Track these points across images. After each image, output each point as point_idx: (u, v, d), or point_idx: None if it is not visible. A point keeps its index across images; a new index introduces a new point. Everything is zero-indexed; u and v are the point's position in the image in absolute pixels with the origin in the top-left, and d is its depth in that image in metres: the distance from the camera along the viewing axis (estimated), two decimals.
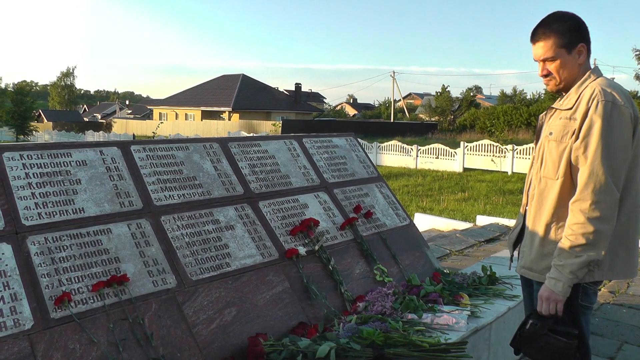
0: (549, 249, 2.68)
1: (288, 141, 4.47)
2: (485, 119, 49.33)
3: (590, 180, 2.47)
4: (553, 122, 2.72)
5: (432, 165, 23.87)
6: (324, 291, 3.57)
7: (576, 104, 2.61)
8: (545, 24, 2.69)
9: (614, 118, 2.50)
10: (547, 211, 2.69)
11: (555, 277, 2.55)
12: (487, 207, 13.39)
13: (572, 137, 2.57)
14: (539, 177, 2.76)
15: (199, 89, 63.45)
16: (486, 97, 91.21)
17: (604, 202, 2.46)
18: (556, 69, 2.68)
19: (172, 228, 3.29)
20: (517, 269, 2.91)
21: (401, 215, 4.66)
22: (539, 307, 2.63)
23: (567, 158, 2.59)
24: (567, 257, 2.52)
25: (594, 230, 2.46)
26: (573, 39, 2.65)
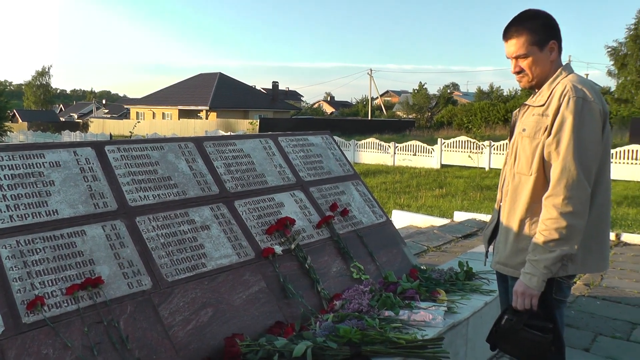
0: (524, 245, 2.70)
1: (264, 140, 4.46)
2: (463, 116, 49.58)
3: (562, 176, 2.50)
4: (526, 118, 2.75)
5: (410, 162, 23.95)
6: (300, 290, 3.56)
7: (548, 101, 2.64)
8: (518, 21, 2.72)
9: (585, 114, 2.53)
10: (521, 207, 2.71)
11: (530, 272, 2.57)
12: (465, 203, 13.47)
13: (544, 134, 2.60)
14: (512, 174, 2.78)
15: (176, 87, 63.12)
16: (463, 94, 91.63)
17: (576, 197, 2.49)
18: (528, 65, 2.71)
19: (148, 229, 3.27)
20: (492, 265, 2.93)
21: (377, 212, 4.67)
22: (514, 303, 2.65)
23: (540, 154, 2.62)
24: (541, 252, 2.54)
25: (567, 225, 2.49)
26: (545, 36, 2.68)
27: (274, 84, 67.70)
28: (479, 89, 77.37)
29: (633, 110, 40.53)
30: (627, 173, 18.35)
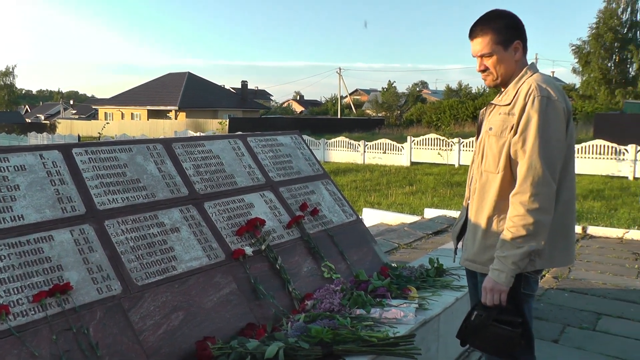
0: (492, 242, 2.73)
1: (232, 140, 4.44)
2: (432, 114, 49.93)
3: (528, 174, 2.55)
4: (493, 117, 2.79)
5: (380, 160, 24.06)
6: (272, 291, 3.55)
7: (514, 100, 2.69)
8: (483, 21, 2.77)
9: (549, 113, 2.58)
10: (489, 204, 2.75)
11: (498, 268, 2.61)
12: (435, 200, 13.57)
13: (511, 132, 2.65)
14: (480, 171, 2.82)
15: (144, 87, 62.64)
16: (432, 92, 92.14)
17: (542, 193, 2.54)
18: (493, 64, 2.76)
19: (117, 232, 3.22)
20: (461, 262, 2.97)
21: (348, 211, 4.68)
22: (483, 299, 2.69)
23: (507, 152, 2.66)
24: (509, 249, 2.58)
25: (534, 222, 2.54)
26: (509, 36, 2.73)
27: (243, 84, 67.48)
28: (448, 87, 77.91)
29: (597, 106, 41.34)
30: (592, 167, 18.68)
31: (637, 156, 17.89)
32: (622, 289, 6.38)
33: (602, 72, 45.91)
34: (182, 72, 63.04)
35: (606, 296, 6.10)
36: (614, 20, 45.38)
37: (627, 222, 10.28)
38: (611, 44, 45.64)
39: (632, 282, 6.66)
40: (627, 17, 45.88)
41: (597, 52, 46.03)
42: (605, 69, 46.13)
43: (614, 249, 8.44)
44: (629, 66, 46.58)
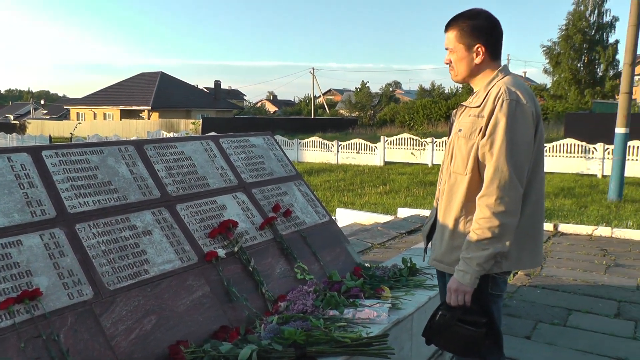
0: (458, 242, 2.75)
1: (205, 142, 4.42)
2: (405, 114, 50.19)
3: (495, 177, 2.56)
4: (463, 119, 2.81)
5: (354, 160, 24.12)
6: (245, 293, 3.54)
7: (484, 102, 2.70)
8: (457, 17, 2.81)
9: (518, 116, 2.60)
10: (456, 206, 2.77)
11: (463, 270, 2.63)
12: (408, 200, 13.64)
13: (479, 134, 2.66)
14: (449, 172, 2.84)
15: (117, 87, 62.08)
16: (405, 92, 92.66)
17: (508, 197, 2.56)
18: (454, 60, 2.82)
19: (88, 236, 3.18)
20: (430, 262, 2.99)
21: (320, 212, 4.69)
22: (448, 299, 2.72)
23: (475, 154, 2.68)
24: (474, 250, 2.61)
25: (500, 224, 2.56)
26: (472, 38, 2.76)
27: (216, 83, 67.29)
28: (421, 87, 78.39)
29: (567, 106, 41.98)
30: (562, 165, 18.96)
31: (605, 154, 18.15)
32: (591, 284, 6.52)
33: (572, 72, 46.65)
34: (155, 72, 62.62)
35: (576, 292, 6.22)
36: (582, 22, 46.14)
37: (596, 219, 10.44)
38: (580, 45, 46.41)
39: (600, 277, 6.81)
40: (594, 19, 46.70)
41: (567, 53, 46.77)
42: (575, 69, 46.87)
43: (583, 245, 8.61)
44: (597, 67, 47.40)
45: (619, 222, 10.22)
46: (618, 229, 9.35)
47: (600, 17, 46.67)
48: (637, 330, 5.15)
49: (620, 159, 12.63)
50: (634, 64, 12.69)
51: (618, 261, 7.64)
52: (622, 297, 6.05)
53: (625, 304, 5.84)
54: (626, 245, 8.62)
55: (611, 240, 9.05)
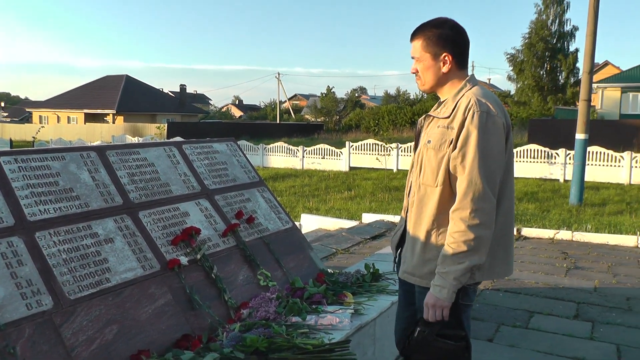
0: (431, 255, 2.72)
1: (167, 148, 4.40)
2: (370, 119, 50.45)
3: (469, 189, 2.54)
4: (431, 130, 2.77)
5: (319, 166, 24.12)
6: (207, 300, 3.53)
7: (453, 113, 2.67)
8: (423, 26, 2.78)
9: (489, 128, 2.59)
10: (427, 218, 2.73)
11: (440, 285, 2.59)
12: (373, 205, 13.70)
13: (450, 146, 2.63)
14: (418, 184, 2.80)
15: (81, 90, 61.13)
16: (371, 98, 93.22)
17: (482, 209, 2.54)
18: (421, 70, 2.79)
19: (48, 245, 3.13)
20: (400, 274, 2.94)
21: (284, 218, 4.70)
22: (425, 315, 2.67)
23: (446, 166, 2.65)
24: (450, 264, 2.57)
25: (475, 237, 2.53)
26: (439, 47, 2.73)
27: (181, 87, 66.82)
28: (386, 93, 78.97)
29: (531, 112, 42.71)
30: (526, 170, 19.29)
31: (567, 160, 18.49)
32: (552, 287, 6.66)
33: (535, 79, 47.54)
34: (120, 75, 61.86)
35: (538, 295, 6.35)
36: (544, 31, 47.10)
37: (557, 223, 10.62)
38: (542, 53, 47.38)
39: (561, 280, 6.96)
40: (555, 28, 47.69)
41: (530, 61, 47.68)
42: (538, 76, 47.76)
43: (545, 249, 8.78)
44: (559, 74, 48.38)
45: (579, 225, 10.42)
46: (578, 232, 9.56)
47: (561, 27, 47.72)
48: (595, 330, 5.29)
49: (580, 164, 12.88)
50: (592, 72, 12.96)
51: (578, 264, 7.82)
52: (581, 299, 6.20)
53: (584, 305, 6.00)
54: (585, 248, 8.81)
55: (571, 243, 9.24)
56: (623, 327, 5.40)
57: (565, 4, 47.28)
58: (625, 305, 6.02)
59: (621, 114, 38.30)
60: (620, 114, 38.52)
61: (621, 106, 39.25)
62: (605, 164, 18.33)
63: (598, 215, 11.67)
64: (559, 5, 47.30)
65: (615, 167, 18.16)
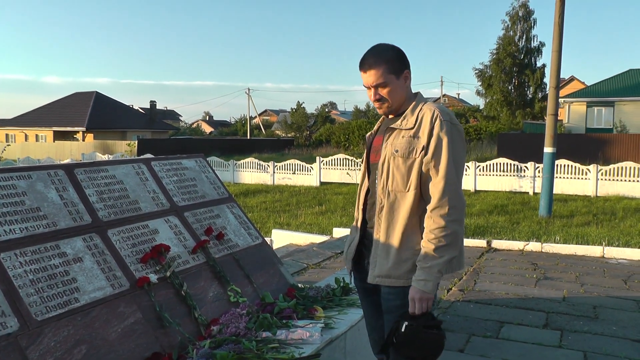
0: (407, 255, 2.86)
1: (136, 165, 4.39)
2: (341, 134, 50.53)
3: (446, 189, 2.75)
4: (396, 140, 2.92)
5: (290, 181, 24.14)
6: (177, 318, 3.51)
7: (417, 124, 2.88)
8: (375, 53, 2.93)
9: (455, 135, 2.84)
10: (401, 221, 2.89)
11: (424, 278, 2.75)
12: (344, 219, 13.74)
13: (420, 153, 2.83)
14: (386, 192, 2.93)
15: (50, 107, 60.28)
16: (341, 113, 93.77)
17: (457, 207, 2.77)
18: (387, 93, 2.94)
19: (14, 265, 3.08)
20: (371, 279, 2.99)
21: (253, 234, 4.70)
22: (412, 309, 2.79)
23: (417, 171, 2.84)
24: (432, 259, 2.74)
25: (452, 232, 2.75)
26: (400, 66, 2.93)
27: (151, 104, 66.31)
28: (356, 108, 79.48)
29: (500, 127, 43.23)
30: (496, 184, 19.54)
31: (536, 173, 18.74)
32: (522, 297, 6.76)
33: (504, 94, 48.14)
34: (90, 92, 61.21)
35: (508, 305, 6.45)
36: (512, 46, 47.74)
37: (527, 235, 10.77)
38: (510, 68, 48.01)
39: (530, 290, 7.06)
40: (523, 44, 48.37)
41: (498, 76, 48.29)
42: (506, 91, 48.38)
43: (515, 260, 8.90)
44: (527, 89, 49.03)
45: (548, 237, 10.58)
46: (547, 244, 9.72)
47: (528, 42, 48.41)
48: (563, 338, 5.40)
49: (549, 177, 13.08)
50: (558, 87, 13.21)
51: (547, 274, 7.95)
52: (550, 309, 6.32)
53: (553, 315, 6.11)
54: (554, 259, 8.95)
55: (541, 254, 9.38)
56: (590, 334, 5.52)
57: (532, 20, 48.02)
58: (592, 314, 6.16)
59: (587, 128, 39.00)
60: (586, 127, 39.22)
61: (587, 120, 39.96)
62: (573, 176, 18.64)
63: (566, 227, 11.85)
64: (526, 22, 48.03)
65: (583, 180, 18.47)
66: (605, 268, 8.42)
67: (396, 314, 2.87)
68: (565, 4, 12.80)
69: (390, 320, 2.92)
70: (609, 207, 15.03)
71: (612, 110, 39.33)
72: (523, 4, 47.86)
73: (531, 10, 47.89)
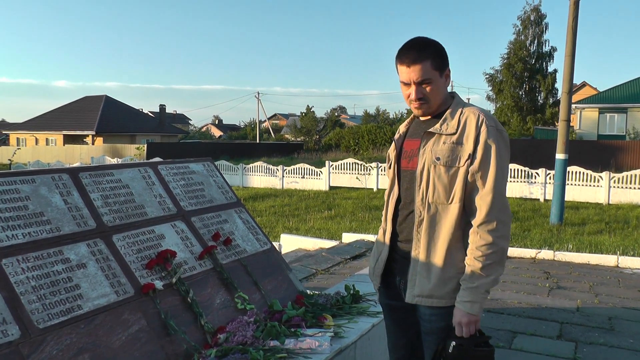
0: (451, 273, 2.65)
1: (143, 169, 4.30)
2: (350, 138, 50.56)
3: (494, 202, 2.54)
4: (436, 146, 2.67)
5: (298, 185, 24.08)
6: (183, 326, 3.42)
7: (460, 129, 2.63)
8: (418, 46, 2.66)
9: (501, 142, 2.62)
10: (444, 236, 2.65)
11: (471, 300, 2.55)
12: (353, 224, 13.64)
13: (466, 162, 2.60)
14: (426, 203, 2.68)
15: (60, 111, 60.77)
16: (350, 117, 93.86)
17: (504, 221, 2.57)
18: (431, 92, 2.67)
19: (16, 272, 2.99)
20: (409, 299, 2.77)
21: (262, 239, 4.61)
22: (459, 333, 2.61)
23: (462, 182, 2.60)
24: (479, 278, 2.54)
25: (499, 249, 2.55)
26: (444, 62, 2.68)
27: (161, 107, 66.64)
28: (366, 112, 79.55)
29: (510, 132, 43.07)
30: (507, 190, 19.26)
31: (547, 179, 18.59)
32: (534, 307, 6.64)
33: (514, 99, 47.95)
34: (99, 96, 61.68)
35: (521, 315, 6.32)
36: (523, 51, 47.55)
37: (539, 243, 10.65)
38: (521, 73, 47.79)
39: (543, 300, 6.93)
40: (534, 48, 48.16)
41: (508, 81, 48.10)
42: (517, 96, 48.18)
43: (527, 268, 8.78)
44: (538, 95, 48.80)
45: (560, 245, 10.44)
46: (560, 252, 9.57)
47: (540, 47, 48.23)
48: (578, 350, 5.27)
49: (560, 184, 12.94)
50: (571, 92, 13.07)
51: (560, 283, 7.81)
52: (564, 319, 6.19)
53: (567, 326, 5.98)
54: (567, 268, 8.81)
55: (553, 262, 9.24)
56: (606, 347, 5.39)
57: (544, 24, 47.84)
58: (607, 325, 6.02)
59: (599, 135, 38.81)
60: (598, 134, 39.01)
61: (599, 127, 39.75)
62: (585, 183, 18.46)
63: (578, 235, 11.71)
64: (538, 26, 47.85)
65: (594, 187, 18.29)
66: (620, 278, 8.27)
67: (439, 335, 2.69)
68: (579, 7, 12.65)
69: (431, 342, 2.74)
70: (621, 215, 14.86)
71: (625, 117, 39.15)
72: (535, 8, 47.73)
73: (543, 14, 47.73)
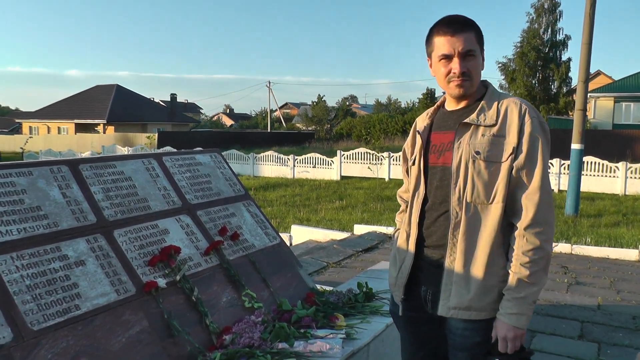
0: (492, 282, 2.39)
1: (146, 160, 4.11)
2: (362, 128, 50.34)
3: (542, 203, 2.32)
4: (474, 139, 2.41)
5: (310, 175, 23.93)
6: (187, 326, 3.24)
7: (500, 120, 2.40)
8: (462, 18, 2.43)
9: (545, 136, 2.41)
10: (485, 240, 2.40)
11: (517, 312, 2.31)
12: (365, 215, 13.45)
13: (509, 156, 2.36)
14: (463, 203, 2.42)
15: (71, 100, 60.99)
16: (362, 106, 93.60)
17: (552, 223, 2.36)
18: (474, 67, 2.42)
19: (10, 270, 2.81)
20: (445, 312, 2.49)
21: (271, 234, 4.41)
22: (503, 349, 2.36)
23: (505, 179, 2.36)
24: (526, 287, 2.31)
25: (547, 254, 2.33)
26: (483, 41, 2.48)
27: (172, 97, 66.64)
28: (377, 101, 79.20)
29: None
30: None
31: (561, 170, 18.30)
32: (554, 304, 6.44)
33: (527, 89, 47.42)
34: (111, 85, 61.80)
35: (539, 312, 6.12)
36: (536, 40, 46.98)
37: (555, 236, 10.40)
38: (534, 62, 47.23)
39: (562, 296, 6.73)
40: (548, 37, 47.61)
41: (521, 70, 47.57)
42: (530, 86, 47.66)
43: None
44: (551, 84, 48.28)
45: (577, 238, 10.20)
46: (577, 246, 9.35)
47: (553, 36, 47.64)
48: (601, 352, 5.06)
49: (576, 175, 12.69)
50: (587, 81, 12.78)
51: (579, 279, 7.60)
52: (585, 317, 5.99)
53: (588, 324, 5.78)
54: (585, 262, 8.58)
55: (571, 256, 9.02)
56: (631, 349, 5.17)
57: (558, 12, 47.25)
58: (631, 325, 5.80)
59: (614, 124, 38.36)
60: (613, 123, 38.56)
61: (614, 116, 39.29)
62: (601, 174, 18.19)
63: (595, 227, 11.46)
64: (552, 14, 47.26)
65: (611, 178, 18.02)
66: None
67: (473, 351, 2.45)
68: None
69: (463, 358, 2.50)
70: (639, 207, 14.58)
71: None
72: None
73: (557, 2, 47.10)
